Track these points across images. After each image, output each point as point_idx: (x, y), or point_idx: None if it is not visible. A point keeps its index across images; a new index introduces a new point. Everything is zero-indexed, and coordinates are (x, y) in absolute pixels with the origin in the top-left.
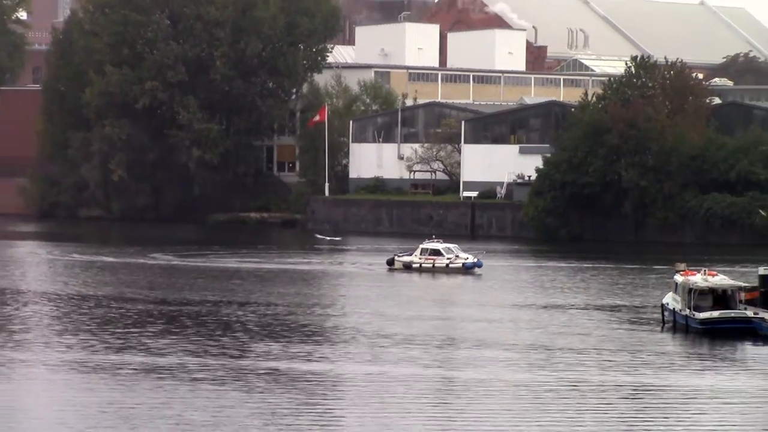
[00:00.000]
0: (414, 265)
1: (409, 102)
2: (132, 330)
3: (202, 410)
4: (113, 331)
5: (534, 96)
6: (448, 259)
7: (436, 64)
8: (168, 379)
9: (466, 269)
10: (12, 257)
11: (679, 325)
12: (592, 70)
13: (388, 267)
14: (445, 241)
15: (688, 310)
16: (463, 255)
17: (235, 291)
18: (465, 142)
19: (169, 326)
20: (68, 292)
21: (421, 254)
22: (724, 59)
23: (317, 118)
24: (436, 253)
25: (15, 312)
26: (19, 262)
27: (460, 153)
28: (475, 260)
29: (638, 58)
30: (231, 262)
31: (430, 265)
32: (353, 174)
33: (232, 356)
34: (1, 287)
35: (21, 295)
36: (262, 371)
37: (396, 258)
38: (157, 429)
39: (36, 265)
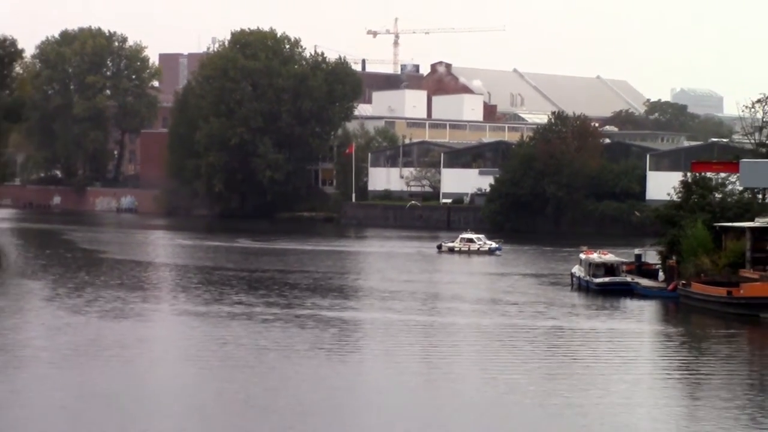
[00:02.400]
0: (455, 249)
1: (407, 141)
2: (224, 288)
3: (270, 340)
4: (212, 289)
5: (488, 137)
6: (478, 245)
7: (425, 116)
8: (246, 320)
9: (491, 252)
10: (148, 240)
11: (582, 287)
12: (526, 121)
13: (437, 250)
14: (475, 233)
15: (588, 277)
16: (489, 243)
17: (299, 263)
18: (443, 167)
19: (247, 286)
20: (183, 263)
21: (460, 242)
22: (612, 114)
23: (347, 151)
24: (470, 241)
25: (149, 276)
26: (153, 243)
27: (440, 174)
28: (497, 246)
29: (556, 113)
30: (293, 245)
31: (467, 249)
32: (371, 187)
33: (289, 306)
34: (140, 259)
35: (152, 265)
36: (315, 315)
37: (443, 244)
38: (240, 351)
39: (163, 246)
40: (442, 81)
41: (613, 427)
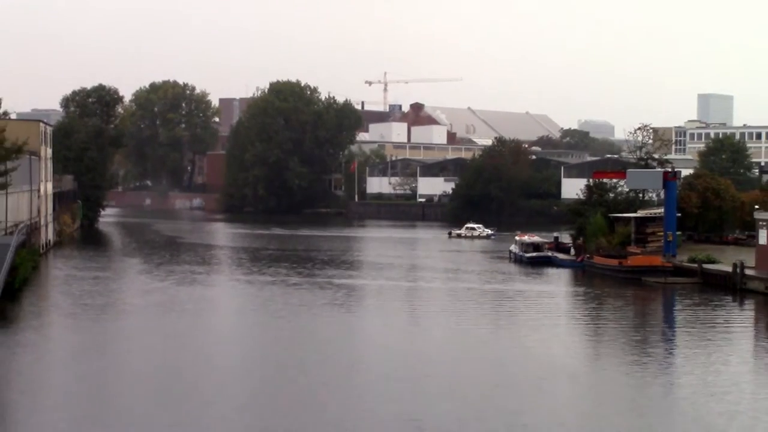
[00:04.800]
0: (462, 235)
1: (393, 158)
2: (263, 262)
3: (297, 299)
4: (255, 263)
5: (450, 155)
6: (479, 232)
7: (406, 141)
8: (280, 285)
9: (488, 237)
10: (211, 229)
11: (517, 260)
12: (477, 144)
13: (448, 236)
14: (475, 223)
15: (521, 253)
16: (486, 230)
17: (317, 244)
18: (419, 176)
19: (278, 261)
20: (235, 245)
21: (465, 230)
22: (537, 138)
23: (352, 166)
24: (473, 229)
25: (211, 254)
26: (214, 231)
27: (417, 181)
28: (492, 233)
29: (498, 138)
30: (313, 232)
31: (470, 235)
32: (368, 191)
33: (310, 275)
34: (205, 242)
35: (214, 246)
36: (329, 281)
37: (452, 231)
38: (276, 306)
39: (221, 233)
40: (417, 116)
41: (538, 356)
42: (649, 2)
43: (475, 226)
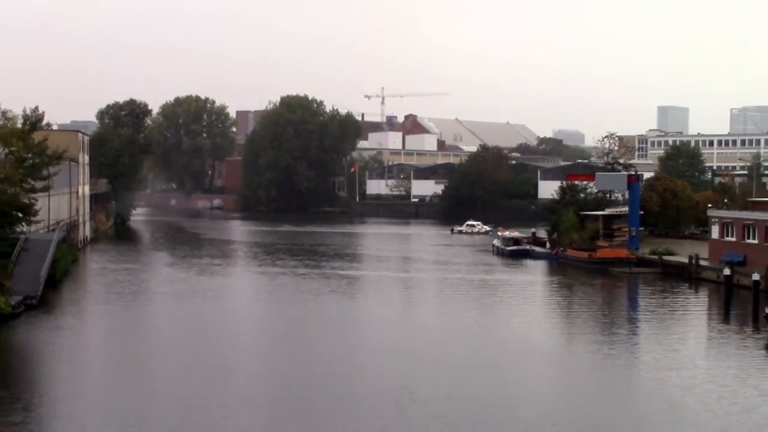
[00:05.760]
0: (463, 231)
1: (390, 163)
2: (275, 255)
3: (305, 287)
4: (268, 255)
5: (440, 161)
6: (478, 228)
7: (401, 148)
8: (290, 275)
9: (486, 233)
10: (229, 226)
11: (499, 253)
12: (464, 150)
13: (451, 232)
14: (475, 221)
15: (503, 246)
16: (484, 227)
17: (323, 239)
18: (413, 179)
19: (289, 254)
20: (250, 240)
21: (466, 227)
22: (516, 145)
23: (353, 170)
24: (473, 226)
25: (229, 248)
26: (232, 228)
27: (411, 183)
28: (490, 229)
29: (481, 146)
30: (319, 228)
31: (470, 231)
32: (368, 192)
33: (317, 266)
34: (224, 238)
35: (231, 241)
36: (333, 272)
37: (454, 228)
38: (287, 293)
39: (238, 229)
40: (411, 126)
41: (518, 336)
42: (613, 28)
43: (475, 223)
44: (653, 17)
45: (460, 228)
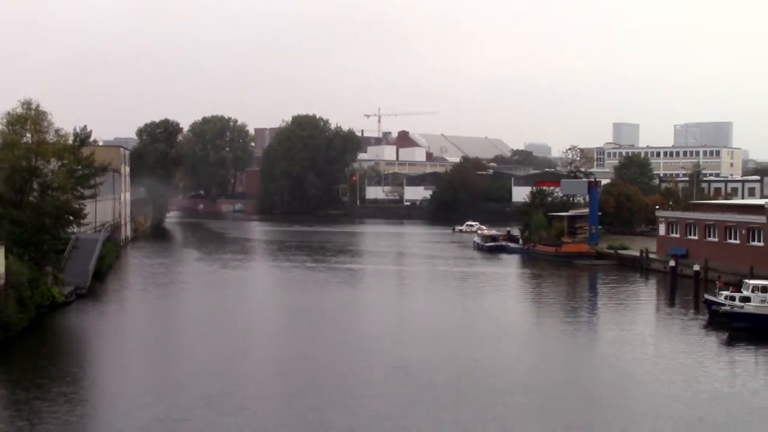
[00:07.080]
0: (463, 230)
1: (386, 173)
2: (288, 251)
3: (314, 279)
4: (282, 251)
5: (428, 170)
6: (477, 227)
7: (395, 159)
8: (300, 268)
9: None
10: (249, 227)
11: (479, 248)
12: (449, 161)
13: (452, 231)
14: (473, 221)
15: (482, 242)
16: (482, 226)
17: (329, 238)
18: (405, 186)
19: (299, 250)
20: (266, 238)
21: (465, 226)
22: (493, 156)
23: (354, 178)
24: (471, 225)
25: (248, 245)
26: (251, 228)
27: (404, 189)
28: (485, 229)
29: (463, 157)
30: (325, 228)
31: (469, 230)
32: (367, 197)
33: (324, 261)
34: (244, 236)
35: (250, 239)
36: (337, 266)
37: (456, 227)
38: (298, 284)
39: (256, 229)
40: (404, 140)
41: (494, 318)
42: (575, 56)
43: (473, 223)
44: (608, 47)
45: (460, 227)
